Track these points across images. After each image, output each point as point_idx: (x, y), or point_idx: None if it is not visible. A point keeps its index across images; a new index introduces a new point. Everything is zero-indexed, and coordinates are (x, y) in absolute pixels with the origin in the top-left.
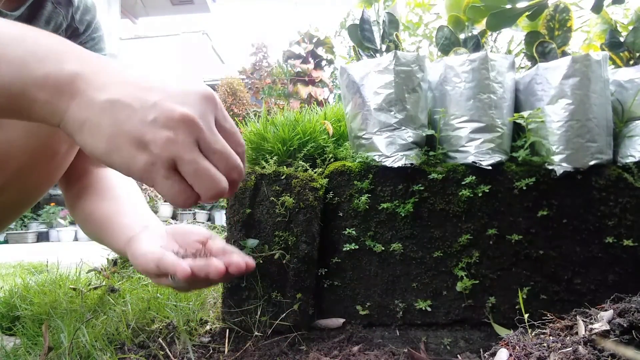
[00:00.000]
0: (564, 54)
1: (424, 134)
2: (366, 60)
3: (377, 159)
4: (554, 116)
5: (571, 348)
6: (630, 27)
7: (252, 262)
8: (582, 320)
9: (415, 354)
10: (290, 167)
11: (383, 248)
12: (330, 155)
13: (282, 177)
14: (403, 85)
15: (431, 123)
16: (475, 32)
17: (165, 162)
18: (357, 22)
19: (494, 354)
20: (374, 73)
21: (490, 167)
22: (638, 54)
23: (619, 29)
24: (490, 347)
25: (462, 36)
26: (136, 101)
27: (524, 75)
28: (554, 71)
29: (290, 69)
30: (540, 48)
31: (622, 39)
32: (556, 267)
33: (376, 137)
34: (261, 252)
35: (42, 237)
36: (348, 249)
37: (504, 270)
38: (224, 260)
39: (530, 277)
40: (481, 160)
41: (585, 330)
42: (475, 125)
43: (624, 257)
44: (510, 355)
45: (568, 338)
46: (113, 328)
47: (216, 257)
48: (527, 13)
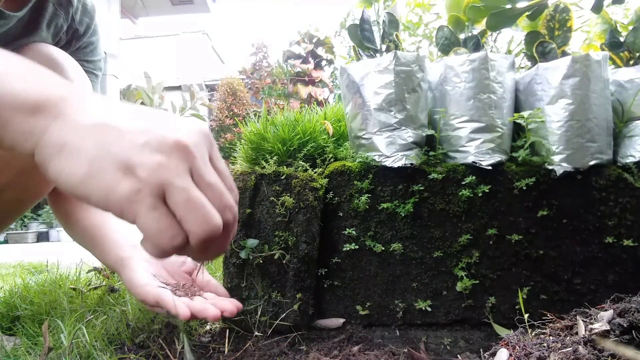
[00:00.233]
0: (564, 54)
1: (424, 134)
2: (366, 60)
3: (377, 159)
4: (554, 116)
5: (571, 348)
6: (630, 27)
7: (240, 305)
8: (582, 320)
9: (415, 354)
10: (290, 167)
11: (383, 248)
12: (330, 155)
13: (282, 177)
14: (403, 85)
15: (431, 123)
16: (475, 32)
17: (153, 189)
18: (357, 22)
19: (494, 354)
20: (374, 73)
21: (490, 167)
22: (638, 54)
23: (619, 29)
24: (490, 347)
25: (462, 36)
26: (126, 125)
27: (524, 75)
28: (554, 71)
29: (290, 69)
30: (540, 48)
31: (622, 39)
32: (556, 267)
33: (376, 137)
34: (261, 252)
35: (42, 237)
36: (348, 249)
37: (504, 270)
38: (218, 305)
39: (530, 277)
40: (481, 160)
41: (585, 330)
42: (475, 125)
43: (624, 257)
44: (510, 355)
45: (568, 338)
46: (113, 328)
47: (204, 291)
48: (527, 13)
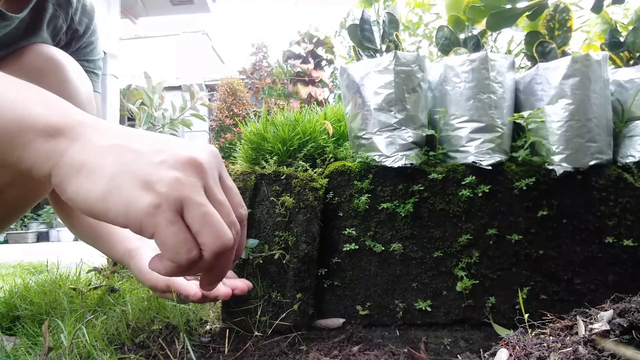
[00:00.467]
0: (564, 54)
1: (424, 134)
2: (366, 60)
3: (377, 159)
4: (554, 116)
5: (571, 348)
6: (630, 27)
7: (250, 284)
8: (582, 320)
9: (415, 354)
10: (290, 167)
11: (383, 248)
12: (330, 155)
13: (282, 177)
14: (403, 85)
15: (431, 123)
16: (475, 32)
17: (172, 204)
18: (357, 22)
19: (494, 354)
20: (374, 73)
21: (490, 167)
22: (638, 54)
23: (619, 29)
24: (490, 347)
25: (462, 36)
26: (142, 146)
27: (524, 75)
28: (554, 71)
29: (290, 69)
30: (540, 48)
31: (622, 39)
32: (556, 267)
33: (376, 137)
34: (261, 252)
35: (42, 237)
36: (348, 249)
37: (504, 270)
38: (228, 282)
39: (530, 277)
40: (481, 160)
41: (585, 330)
42: (475, 125)
43: (624, 257)
44: (510, 355)
45: (568, 338)
46: (113, 328)
47: None
48: (527, 13)
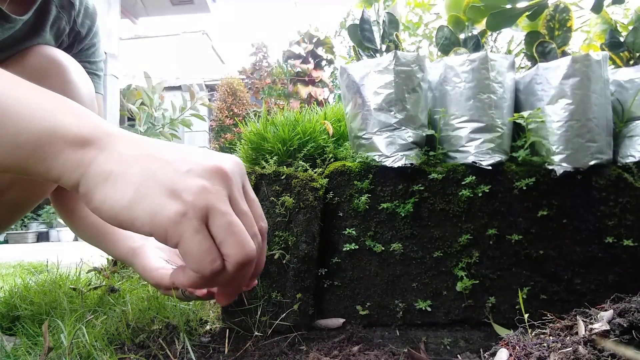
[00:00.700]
0: (564, 54)
1: (424, 134)
2: (366, 60)
3: (377, 159)
4: (554, 116)
5: (571, 348)
6: (630, 27)
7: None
8: (582, 320)
9: (415, 354)
10: (290, 167)
11: (383, 248)
12: (330, 155)
13: (282, 177)
14: (403, 85)
15: (431, 123)
16: (475, 32)
17: (198, 212)
18: (357, 22)
19: (494, 354)
20: (374, 73)
21: (490, 167)
22: (638, 54)
23: (619, 29)
24: (490, 347)
25: (462, 36)
26: (169, 155)
27: (524, 75)
28: (554, 71)
29: (290, 69)
30: (540, 48)
31: (622, 39)
32: (556, 267)
33: (376, 137)
34: None
35: (42, 237)
36: (348, 249)
37: (504, 270)
38: None
39: (530, 277)
40: (481, 160)
41: (585, 330)
42: (475, 125)
43: (624, 257)
44: (510, 355)
45: (568, 338)
46: (113, 328)
47: None
48: (527, 13)
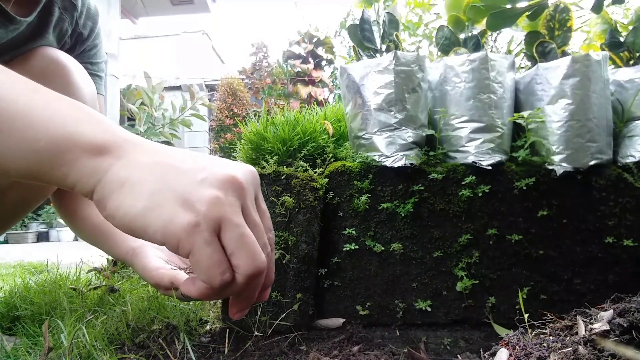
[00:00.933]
0: (564, 54)
1: (424, 134)
2: (366, 60)
3: (377, 159)
4: (554, 116)
5: (571, 348)
6: (630, 27)
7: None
8: (582, 320)
9: (415, 354)
10: (290, 167)
11: (383, 248)
12: (330, 155)
13: (282, 177)
14: (403, 85)
15: (431, 123)
16: (475, 32)
17: (211, 223)
18: (357, 22)
19: (494, 354)
20: (374, 73)
21: (490, 167)
22: (638, 54)
23: (619, 29)
24: (490, 347)
25: (462, 36)
26: (184, 164)
27: (524, 75)
28: (554, 71)
29: (290, 69)
30: (540, 48)
31: (622, 39)
32: (556, 267)
33: (376, 137)
34: None
35: (42, 237)
36: (348, 249)
37: (504, 270)
38: None
39: (530, 277)
40: (481, 160)
41: (585, 330)
42: (475, 125)
43: (624, 257)
44: (510, 355)
45: (568, 338)
46: (113, 328)
47: None
48: (527, 13)
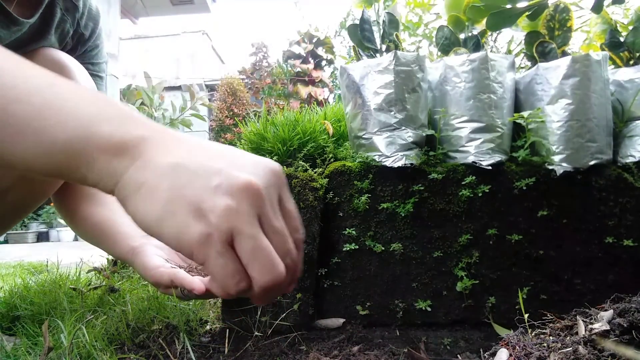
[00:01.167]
0: (564, 54)
1: (424, 134)
2: (366, 60)
3: (377, 159)
4: (554, 116)
5: (571, 348)
6: (630, 27)
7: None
8: (582, 320)
9: (415, 354)
10: (290, 167)
11: (383, 248)
12: (330, 155)
13: None
14: (403, 85)
15: (431, 123)
16: (475, 32)
17: (223, 235)
18: (357, 22)
19: (494, 354)
20: (374, 73)
21: (490, 167)
22: (638, 54)
23: (619, 29)
24: (490, 347)
25: (462, 36)
26: (200, 167)
27: (524, 75)
28: (554, 71)
29: (290, 69)
30: (540, 48)
31: (622, 39)
32: (556, 267)
33: (376, 137)
34: None
35: (42, 237)
36: (348, 249)
37: (504, 270)
38: None
39: (530, 277)
40: (481, 160)
41: (585, 330)
42: (475, 125)
43: (624, 257)
44: (510, 355)
45: (568, 338)
46: (113, 328)
47: None
48: (527, 13)
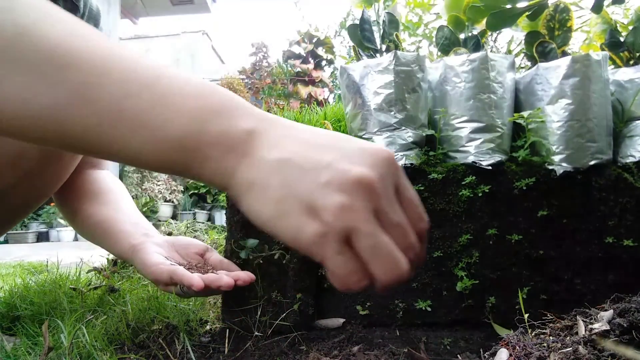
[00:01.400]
0: (564, 54)
1: (424, 134)
2: (366, 60)
3: None
4: (554, 116)
5: (571, 348)
6: (630, 27)
7: (253, 276)
8: (582, 320)
9: (415, 354)
10: None
11: None
12: None
13: None
14: (403, 85)
15: (431, 123)
16: (475, 32)
17: (338, 234)
18: (357, 22)
19: (494, 354)
20: (374, 73)
21: (490, 167)
22: (638, 54)
23: (619, 29)
24: (490, 347)
25: (462, 36)
26: (308, 161)
27: (524, 75)
28: (554, 71)
29: (290, 69)
30: (540, 48)
31: (622, 39)
32: (556, 267)
33: (376, 137)
34: (261, 252)
35: (42, 237)
36: None
37: (504, 270)
38: (231, 274)
39: (530, 277)
40: (481, 160)
41: (585, 330)
42: (475, 125)
43: (624, 257)
44: (510, 355)
45: (568, 338)
46: (113, 328)
47: (216, 269)
48: (527, 13)
